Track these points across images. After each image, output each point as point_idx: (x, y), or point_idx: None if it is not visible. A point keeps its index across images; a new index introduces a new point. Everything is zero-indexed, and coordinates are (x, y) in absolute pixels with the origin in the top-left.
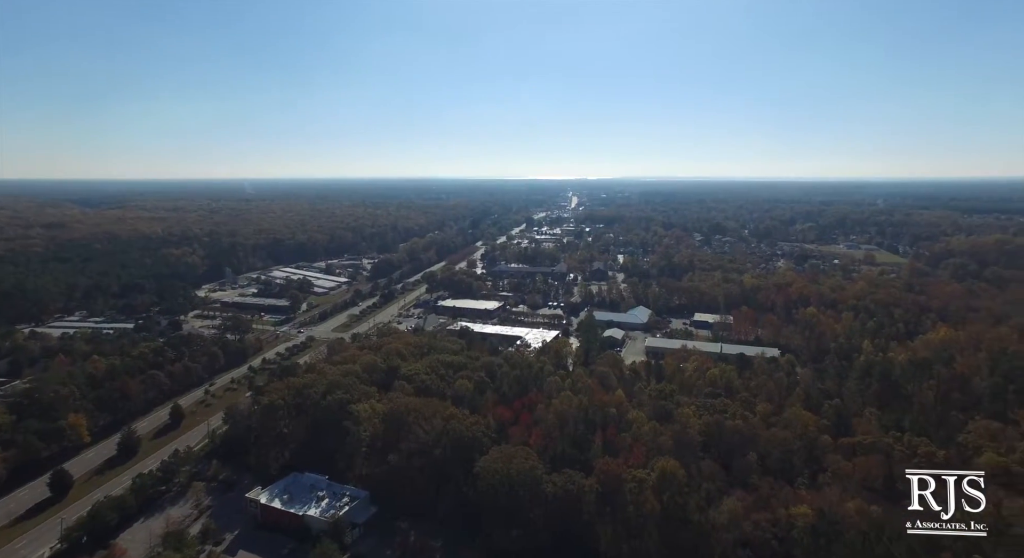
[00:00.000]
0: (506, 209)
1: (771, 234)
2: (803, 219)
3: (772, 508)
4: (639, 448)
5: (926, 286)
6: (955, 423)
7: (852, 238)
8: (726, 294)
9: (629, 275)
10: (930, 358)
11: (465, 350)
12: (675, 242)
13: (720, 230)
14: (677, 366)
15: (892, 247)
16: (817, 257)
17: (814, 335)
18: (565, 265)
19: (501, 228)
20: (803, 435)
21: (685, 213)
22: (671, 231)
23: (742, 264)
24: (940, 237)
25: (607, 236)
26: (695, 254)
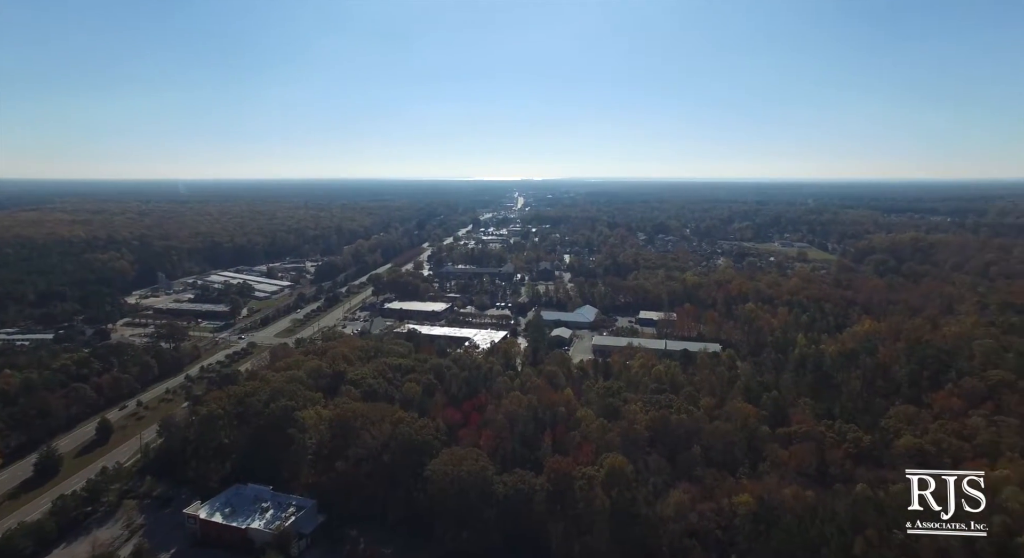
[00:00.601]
0: (452, 210)
1: (711, 233)
2: (741, 218)
3: (716, 498)
4: (588, 445)
5: (852, 281)
6: (879, 409)
7: (786, 236)
8: (669, 292)
9: (575, 274)
10: (856, 349)
11: (413, 353)
12: (620, 241)
13: (663, 229)
14: (623, 363)
15: (822, 245)
16: (754, 255)
17: (753, 330)
18: (512, 265)
19: (447, 229)
20: (744, 427)
21: (629, 213)
22: (616, 231)
23: (684, 262)
24: (864, 235)
25: (553, 236)
26: (639, 253)
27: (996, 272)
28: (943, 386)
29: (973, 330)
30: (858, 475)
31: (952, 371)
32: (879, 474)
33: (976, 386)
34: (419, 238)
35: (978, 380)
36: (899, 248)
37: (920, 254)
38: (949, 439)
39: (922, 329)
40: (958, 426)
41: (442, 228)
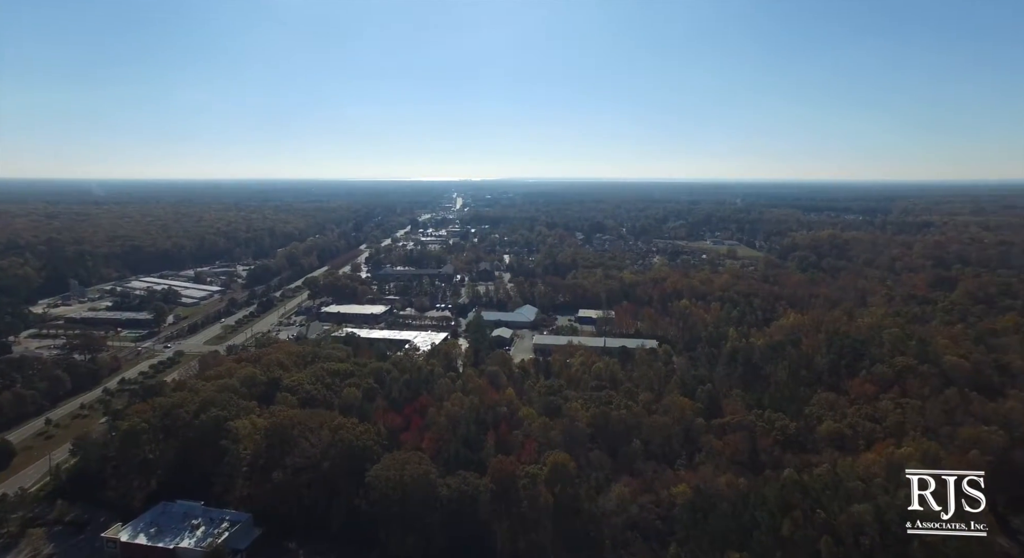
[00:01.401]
0: (390, 211)
1: (647, 232)
2: (675, 217)
3: (656, 490)
4: (531, 444)
5: (778, 277)
6: (803, 397)
7: (717, 234)
8: (608, 290)
9: (515, 274)
10: (783, 341)
11: (352, 357)
12: (558, 241)
13: (600, 229)
14: (564, 362)
15: (750, 242)
16: (688, 253)
17: (687, 325)
18: (452, 266)
19: (385, 231)
20: (681, 419)
21: (567, 213)
22: (554, 231)
23: (621, 261)
24: (787, 233)
25: (493, 236)
26: (578, 252)
27: (901, 266)
28: (858, 373)
29: (883, 320)
30: (786, 460)
31: (866, 359)
32: (805, 458)
33: (885, 372)
34: (356, 240)
35: (887, 367)
36: (819, 245)
37: (837, 250)
38: (863, 422)
39: (839, 321)
40: (871, 410)
41: (380, 229)
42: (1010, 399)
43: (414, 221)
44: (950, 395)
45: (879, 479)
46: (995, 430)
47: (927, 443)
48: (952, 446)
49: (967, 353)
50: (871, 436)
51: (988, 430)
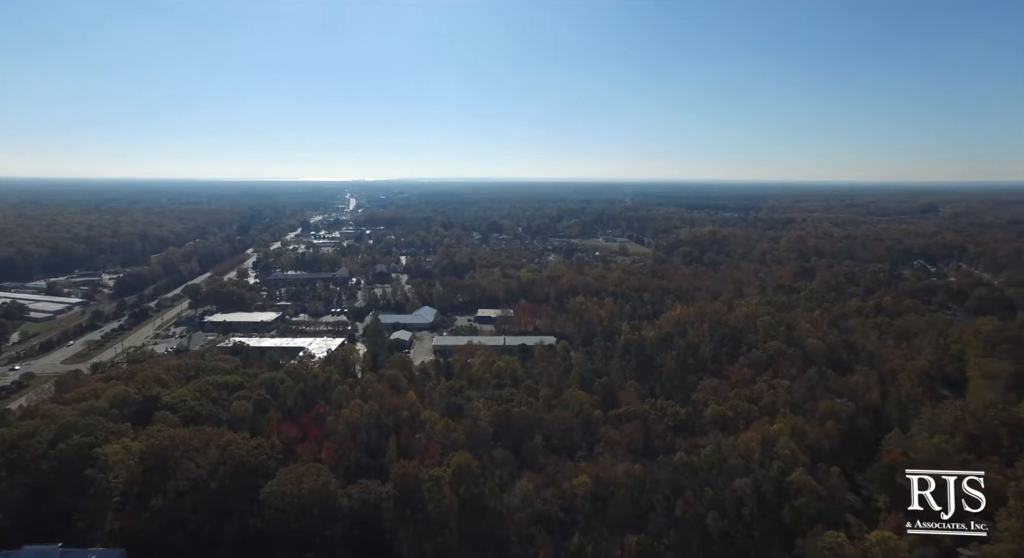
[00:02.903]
0: (279, 213)
1: (542, 231)
2: (568, 216)
3: (558, 483)
4: (434, 446)
5: (665, 272)
6: (691, 385)
7: (609, 232)
8: (506, 289)
9: (413, 276)
10: (671, 333)
11: (241, 368)
12: (455, 241)
13: (497, 228)
14: (465, 362)
15: (639, 239)
16: (582, 251)
17: (583, 321)
18: (347, 269)
19: (274, 233)
20: (580, 413)
21: (464, 213)
22: (451, 231)
23: (518, 260)
24: (673, 230)
25: (388, 238)
26: (475, 252)
27: (770, 259)
28: (737, 359)
29: (757, 310)
30: (677, 445)
31: (743, 346)
32: (693, 441)
33: (760, 357)
34: (242, 244)
35: (761, 352)
36: (701, 241)
37: (716, 245)
38: (743, 404)
39: (720, 311)
40: (749, 392)
41: (268, 232)
42: (857, 374)
43: (305, 223)
44: (812, 374)
45: (757, 454)
46: (845, 402)
47: (794, 418)
48: (814, 419)
49: (824, 336)
50: (749, 416)
51: (840, 402)
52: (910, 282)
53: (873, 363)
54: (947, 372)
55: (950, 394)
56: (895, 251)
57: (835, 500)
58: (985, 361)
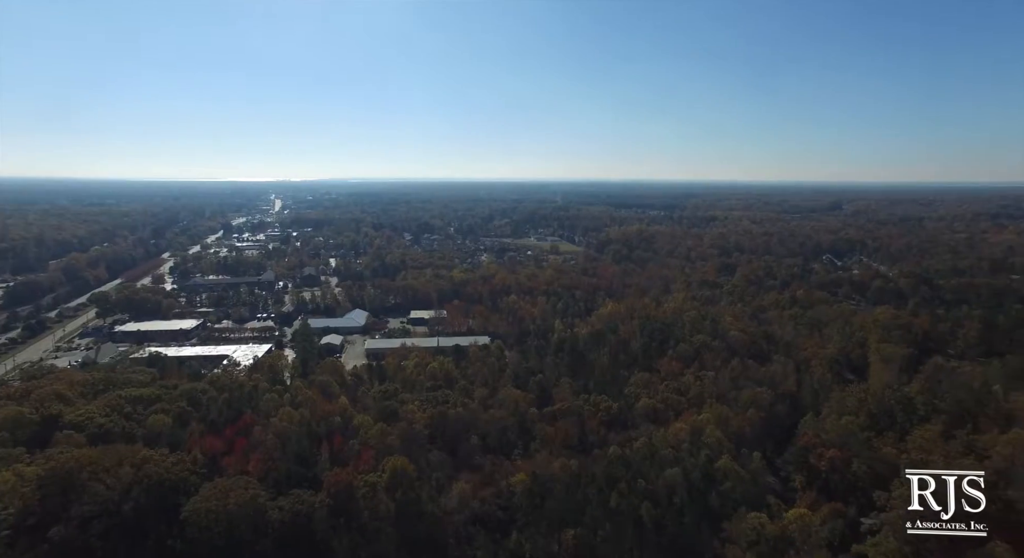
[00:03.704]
0: (197, 215)
1: (474, 231)
2: (500, 216)
3: (496, 482)
4: (368, 452)
5: (596, 269)
6: (623, 379)
7: (540, 231)
8: (438, 290)
9: (343, 278)
10: (603, 329)
11: (158, 380)
12: (386, 242)
13: (428, 229)
14: (398, 364)
15: (570, 238)
16: (514, 250)
17: (517, 320)
18: (273, 273)
19: (193, 236)
20: (515, 411)
21: (394, 214)
22: (382, 232)
23: (451, 260)
24: (602, 228)
25: (317, 240)
26: (406, 253)
27: (695, 255)
28: (666, 353)
29: (683, 305)
30: (610, 438)
31: (671, 340)
32: (626, 434)
33: (687, 350)
34: (157, 248)
35: (688, 345)
36: (629, 238)
37: (644, 243)
38: (672, 396)
39: (649, 307)
40: (677, 384)
41: (186, 236)
42: (775, 363)
43: (227, 225)
44: (735, 365)
45: (686, 444)
46: (765, 390)
47: (720, 408)
48: (737, 407)
49: (745, 328)
50: (679, 407)
51: (760, 391)
52: (820, 275)
53: (789, 352)
54: (852, 358)
55: (855, 378)
56: (807, 246)
57: (757, 483)
58: (882, 346)
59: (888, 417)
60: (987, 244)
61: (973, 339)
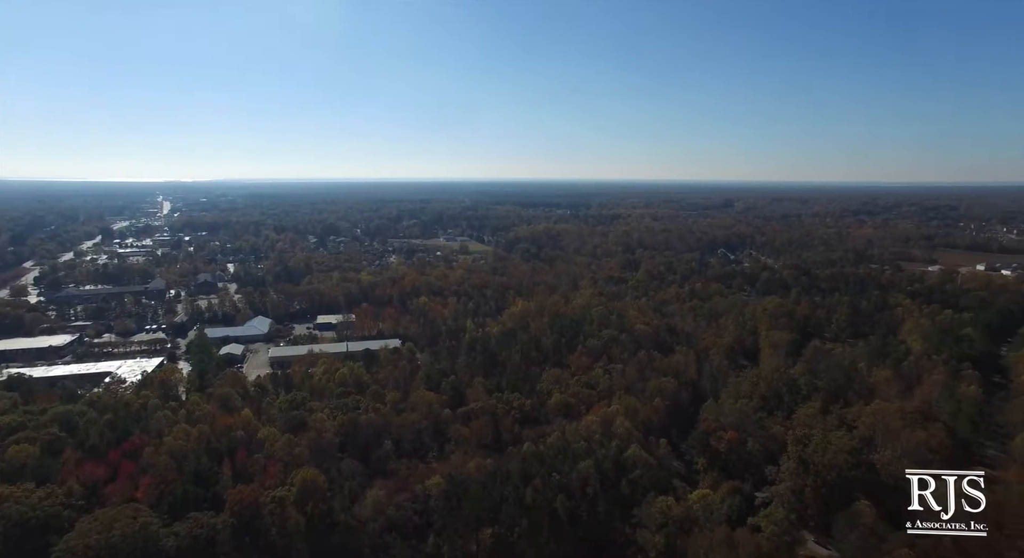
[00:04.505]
0: (69, 219)
1: (382, 232)
2: (408, 217)
3: (411, 487)
4: (275, 465)
5: (506, 268)
6: (535, 376)
7: (449, 231)
8: (346, 293)
9: (243, 284)
10: (514, 328)
11: (21, 405)
12: (289, 246)
13: (334, 231)
14: (305, 372)
15: (479, 237)
16: (423, 251)
17: (428, 321)
18: (163, 280)
19: (64, 243)
20: (429, 414)
21: (297, 216)
22: (284, 234)
23: (358, 262)
24: (511, 228)
25: (212, 244)
26: (311, 256)
27: (601, 252)
28: (576, 348)
29: (591, 300)
30: (524, 435)
31: (581, 335)
32: (540, 430)
33: (596, 344)
34: (17, 256)
35: (596, 340)
36: (537, 237)
37: (552, 241)
38: (583, 390)
39: (558, 304)
40: (587, 378)
41: (55, 242)
42: (678, 353)
43: (106, 230)
44: (641, 357)
45: (597, 436)
46: (669, 379)
47: (628, 399)
48: (644, 397)
49: (650, 321)
50: (589, 401)
51: (665, 380)
52: (715, 269)
53: (690, 343)
54: (746, 345)
55: (748, 363)
56: (703, 242)
57: (664, 468)
58: (770, 333)
59: (777, 398)
60: (852, 237)
61: (843, 323)
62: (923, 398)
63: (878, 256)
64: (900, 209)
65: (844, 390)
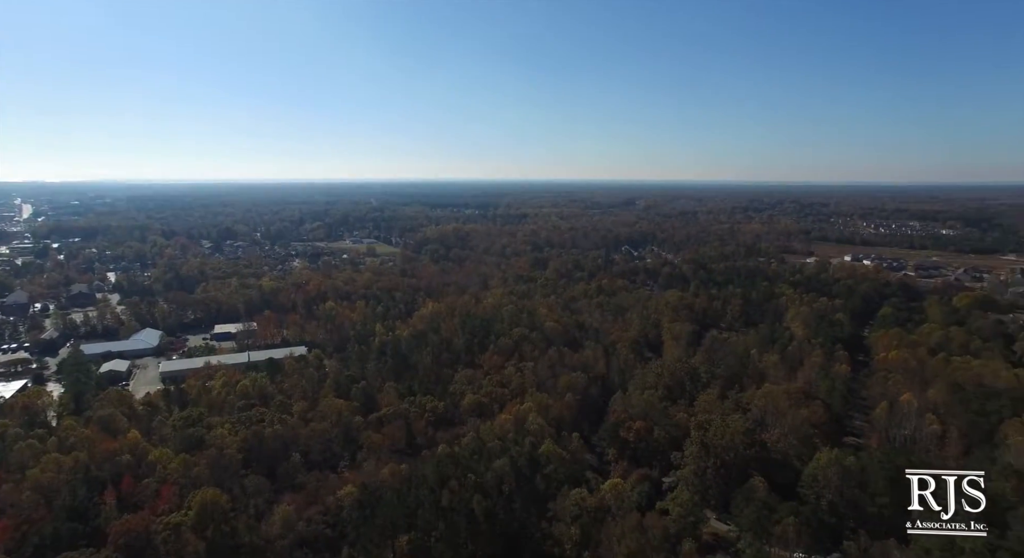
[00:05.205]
0: None
1: (284, 235)
2: (312, 219)
3: (322, 499)
4: (169, 489)
5: (415, 270)
6: (447, 378)
7: (355, 234)
8: (246, 300)
9: (127, 295)
10: (425, 329)
11: None
12: (181, 252)
13: (231, 235)
14: (203, 386)
15: (387, 239)
16: (329, 254)
17: (335, 327)
18: (25, 293)
19: None
20: (339, 422)
21: (188, 219)
22: (174, 240)
23: (259, 268)
24: (419, 228)
25: (88, 251)
26: (206, 262)
27: (510, 251)
28: (488, 348)
29: (501, 300)
30: (439, 438)
31: (492, 335)
32: (454, 432)
33: (507, 343)
34: None
35: (508, 338)
36: (446, 237)
37: (461, 241)
38: (496, 389)
39: (469, 304)
40: (500, 377)
41: None
42: (587, 349)
43: None
44: (551, 354)
45: (511, 434)
46: (579, 374)
47: (540, 396)
48: (556, 393)
49: (559, 318)
50: (502, 399)
51: (576, 376)
52: (620, 265)
53: (599, 337)
54: (650, 338)
55: (653, 355)
56: (608, 239)
57: (577, 462)
58: (672, 325)
59: (680, 387)
60: (742, 233)
61: (737, 313)
62: (805, 379)
63: (765, 250)
64: (782, 206)
65: (739, 376)
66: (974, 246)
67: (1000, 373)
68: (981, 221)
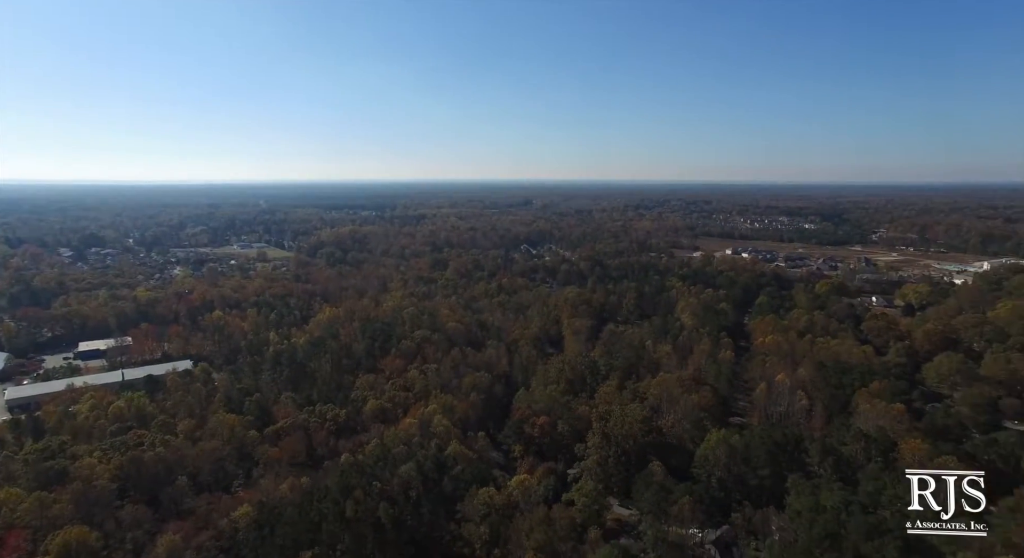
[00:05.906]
0: None
1: (161, 241)
2: (194, 223)
3: (214, 523)
4: (19, 535)
5: (310, 274)
6: (348, 384)
7: (244, 238)
8: (118, 313)
9: None
10: (322, 336)
11: None
12: (32, 261)
13: (97, 242)
14: (65, 411)
15: (279, 243)
16: (214, 260)
17: (224, 337)
18: None
19: None
20: (231, 439)
21: (41, 225)
22: (22, 248)
23: (133, 277)
24: (313, 231)
25: None
26: (66, 273)
27: (409, 252)
28: (389, 352)
29: (402, 302)
30: (341, 447)
31: (393, 338)
32: (357, 440)
33: (409, 346)
34: None
35: (410, 341)
36: (342, 240)
37: (358, 244)
38: (399, 393)
39: (369, 308)
40: (403, 381)
41: None
42: (489, 348)
43: None
44: (455, 354)
45: (416, 437)
46: (483, 374)
47: (445, 397)
48: (460, 394)
49: (461, 318)
50: (406, 403)
51: (479, 375)
52: (520, 264)
53: (501, 336)
54: (551, 334)
55: (554, 351)
56: (507, 238)
57: (484, 461)
58: (572, 321)
59: (581, 380)
60: (634, 230)
61: (632, 306)
62: (695, 366)
63: (656, 245)
64: (669, 204)
65: (636, 366)
66: (830, 239)
67: (852, 351)
68: (834, 216)
